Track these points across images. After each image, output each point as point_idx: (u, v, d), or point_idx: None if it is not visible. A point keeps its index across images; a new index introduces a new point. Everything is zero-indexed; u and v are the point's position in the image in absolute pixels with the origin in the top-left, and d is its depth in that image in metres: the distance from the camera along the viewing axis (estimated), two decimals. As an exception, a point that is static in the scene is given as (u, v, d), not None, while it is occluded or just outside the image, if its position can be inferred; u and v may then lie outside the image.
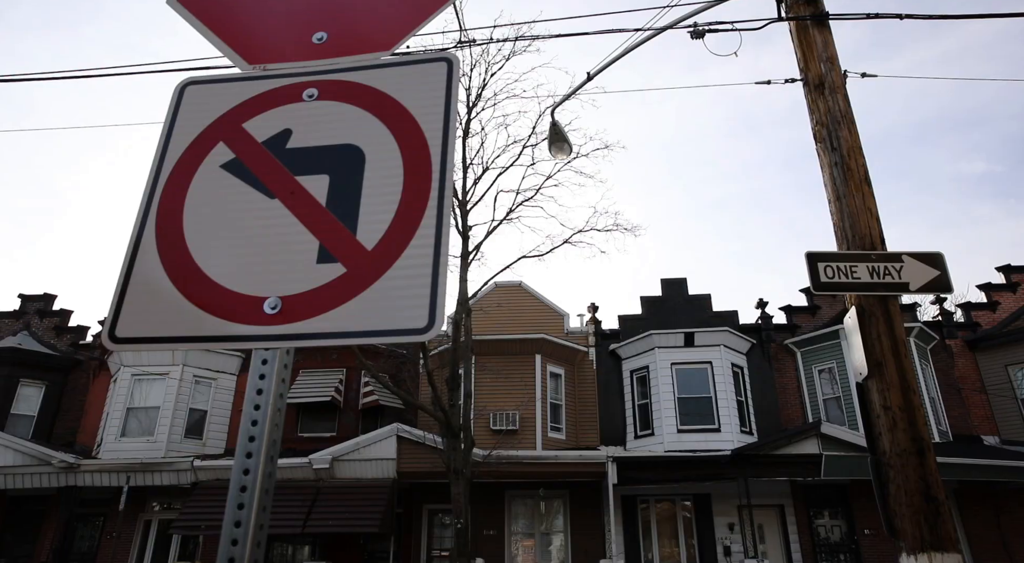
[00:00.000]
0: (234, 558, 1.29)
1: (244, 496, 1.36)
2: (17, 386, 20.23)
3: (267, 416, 1.42)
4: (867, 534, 17.70)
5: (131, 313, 1.55)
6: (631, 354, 19.96)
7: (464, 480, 14.47)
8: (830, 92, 5.55)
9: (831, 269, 4.81)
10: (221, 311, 1.50)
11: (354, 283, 1.48)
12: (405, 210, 1.55)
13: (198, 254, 1.59)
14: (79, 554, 18.62)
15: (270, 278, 1.52)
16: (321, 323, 1.45)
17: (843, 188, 5.15)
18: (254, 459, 1.39)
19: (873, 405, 4.47)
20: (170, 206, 1.67)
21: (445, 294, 1.46)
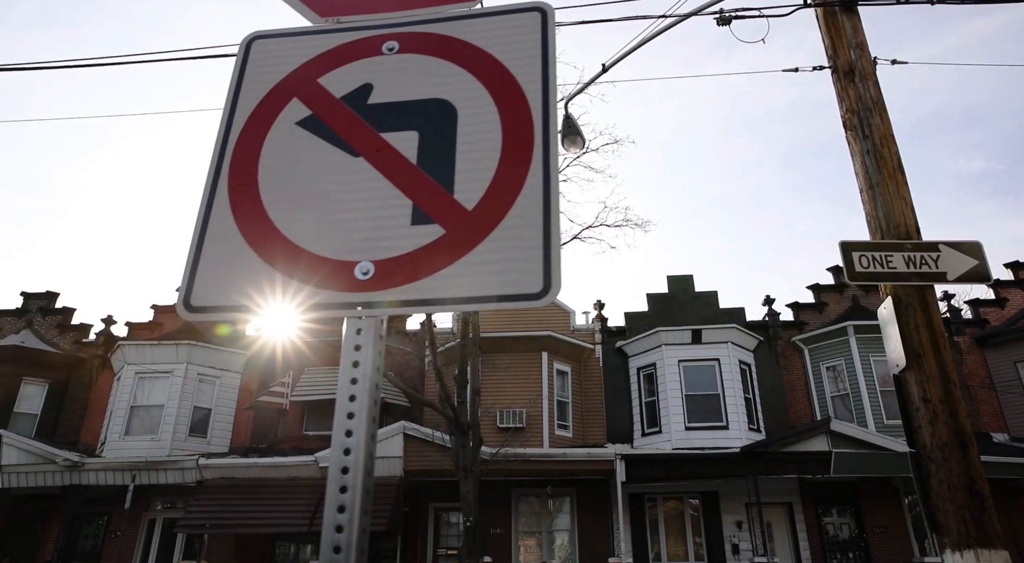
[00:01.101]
0: (340, 546, 1.20)
1: (347, 478, 1.25)
2: (20, 384, 20.10)
3: (366, 390, 1.31)
4: (877, 532, 17.61)
5: (207, 280, 1.46)
6: (638, 351, 19.85)
7: (473, 478, 14.36)
8: (860, 79, 5.44)
9: (866, 258, 4.69)
10: (308, 277, 1.41)
11: (456, 245, 1.39)
12: (507, 167, 1.46)
13: (278, 218, 1.50)
14: (83, 553, 18.49)
15: (360, 241, 1.43)
16: (422, 289, 1.36)
17: (876, 176, 5.04)
18: (355, 437, 1.28)
19: (912, 397, 4.36)
20: (243, 168, 1.58)
21: (560, 256, 1.36)
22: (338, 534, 1.21)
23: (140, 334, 21.58)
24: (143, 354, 19.58)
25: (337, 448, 1.28)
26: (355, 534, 1.20)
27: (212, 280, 1.45)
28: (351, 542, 1.20)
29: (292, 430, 19.23)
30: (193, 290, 1.45)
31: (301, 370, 19.92)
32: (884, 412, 18.11)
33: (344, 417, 1.31)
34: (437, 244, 1.40)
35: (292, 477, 17.35)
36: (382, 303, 1.37)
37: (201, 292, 1.44)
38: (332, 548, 1.20)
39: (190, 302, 1.44)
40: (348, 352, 1.36)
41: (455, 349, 18.15)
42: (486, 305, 1.33)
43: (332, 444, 1.29)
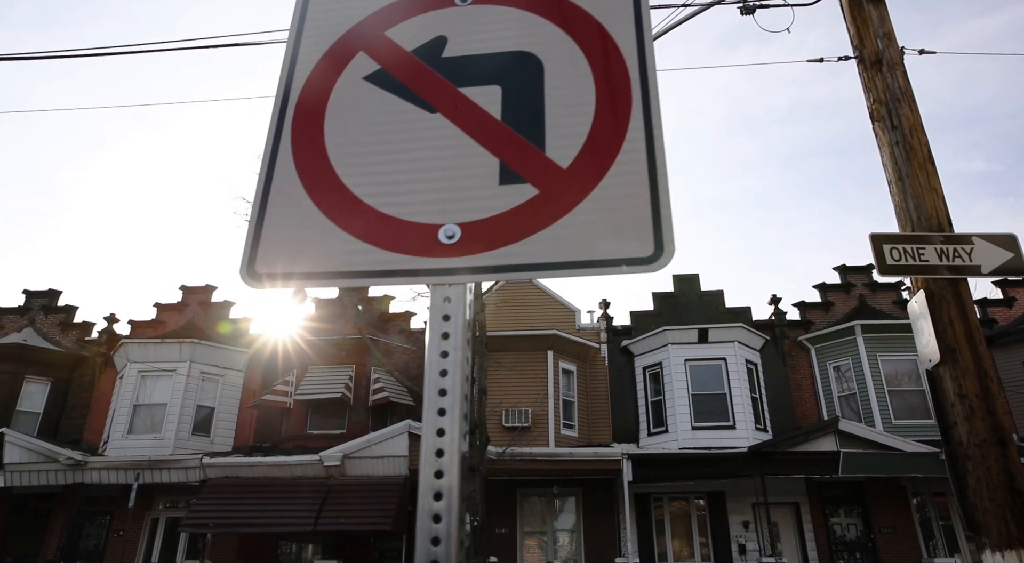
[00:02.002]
0: (439, 536, 1.10)
1: (443, 461, 1.15)
2: (22, 383, 19.98)
3: (458, 364, 1.21)
4: (884, 532, 17.51)
5: (273, 246, 1.36)
6: (644, 350, 19.76)
7: (480, 477, 14.25)
8: (888, 69, 5.33)
9: (897, 251, 4.60)
10: (387, 242, 1.32)
11: (551, 206, 1.29)
12: (603, 122, 1.36)
13: (350, 179, 1.41)
14: (86, 552, 18.38)
15: (443, 203, 1.34)
16: (515, 254, 1.26)
17: (906, 168, 4.93)
18: (449, 417, 1.18)
19: (946, 393, 4.27)
20: (307, 126, 1.48)
21: (672, 217, 1.25)
22: (436, 524, 1.11)
23: (143, 332, 21.47)
24: (146, 352, 19.48)
25: (430, 429, 1.18)
26: (454, 523, 1.10)
27: (279, 246, 1.36)
28: (450, 533, 1.10)
29: (295, 429, 19.12)
30: (258, 256, 1.35)
31: (304, 369, 19.82)
32: (892, 412, 18.01)
33: (435, 394, 1.20)
34: (530, 205, 1.30)
35: (296, 476, 17.24)
36: (472, 269, 1.27)
37: (267, 258, 1.35)
38: (430, 539, 1.10)
39: (255, 269, 1.34)
40: (436, 323, 1.26)
41: (461, 348, 18.07)
42: (590, 271, 1.23)
43: (424, 424, 1.18)
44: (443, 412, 1.18)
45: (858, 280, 21.01)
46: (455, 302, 1.26)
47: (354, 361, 19.70)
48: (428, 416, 1.19)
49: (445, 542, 1.10)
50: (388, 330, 21.05)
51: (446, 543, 1.10)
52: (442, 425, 1.18)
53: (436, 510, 1.12)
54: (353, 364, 19.70)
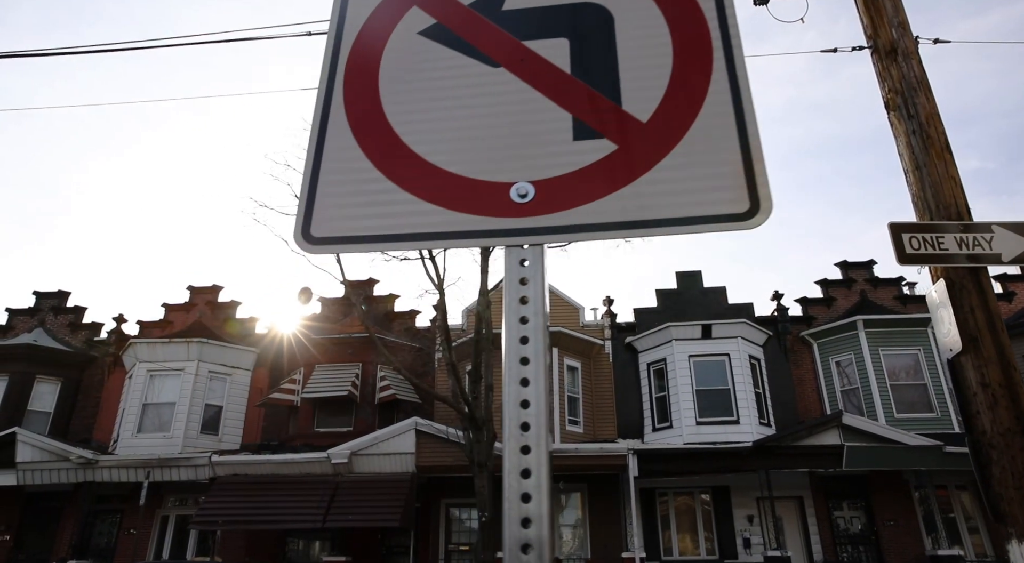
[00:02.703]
0: (530, 517, 1.06)
1: (528, 436, 1.10)
2: (33, 382, 20.18)
3: (540, 330, 1.15)
4: (887, 525, 17.63)
5: (330, 209, 1.30)
6: (648, 347, 19.89)
7: (488, 473, 14.41)
8: (903, 58, 5.25)
9: (916, 240, 4.58)
10: (454, 202, 1.26)
11: (633, 162, 1.23)
12: (683, 72, 1.30)
13: (410, 136, 1.35)
14: (97, 550, 18.57)
15: (513, 160, 1.28)
16: (595, 212, 1.20)
17: (923, 157, 4.89)
18: (533, 387, 1.11)
19: (968, 382, 4.23)
20: (360, 85, 1.43)
21: (766, 171, 1.18)
22: (525, 503, 1.06)
23: (151, 332, 21.66)
24: (154, 352, 19.66)
25: (512, 403, 1.10)
26: (545, 501, 1.06)
27: (336, 209, 1.30)
28: (541, 514, 1.05)
29: (303, 427, 19.29)
30: (313, 219, 1.29)
31: (311, 368, 19.99)
32: (894, 406, 18.13)
33: (516, 363, 1.13)
34: (609, 161, 1.24)
35: (304, 474, 17.40)
36: (550, 229, 1.20)
37: (324, 222, 1.28)
38: (520, 521, 1.05)
39: (311, 233, 1.28)
40: (513, 287, 1.18)
41: (467, 345, 18.22)
42: (681, 229, 1.16)
43: (506, 398, 1.12)
44: (526, 382, 1.12)
45: (859, 276, 21.12)
46: (532, 265, 1.20)
47: (360, 359, 19.87)
48: (510, 388, 1.12)
49: (536, 523, 1.05)
50: (393, 328, 21.21)
51: (537, 524, 1.05)
52: (526, 396, 1.11)
53: (525, 489, 1.07)
54: (359, 362, 19.87)
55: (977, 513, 17.77)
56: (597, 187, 1.23)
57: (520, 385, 1.13)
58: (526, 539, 1.04)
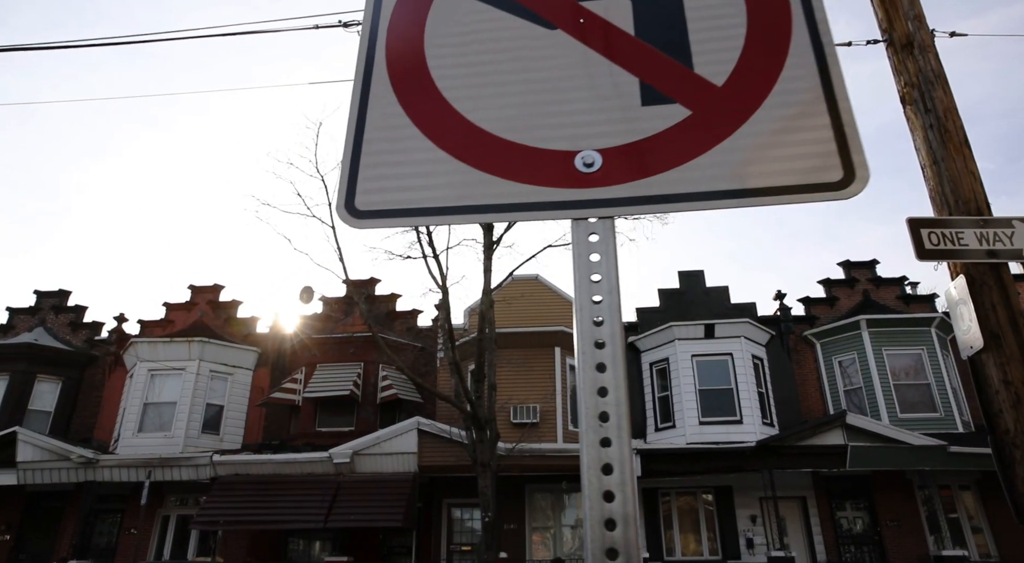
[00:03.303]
0: (614, 518, 0.99)
1: (608, 427, 1.02)
2: (34, 382, 20.10)
3: (615, 310, 1.07)
4: (891, 526, 17.60)
5: (376, 180, 1.22)
6: (650, 346, 19.85)
7: (491, 473, 14.35)
8: (920, 51, 5.17)
9: (936, 236, 4.50)
10: (514, 172, 1.18)
11: (709, 128, 1.15)
12: (759, 32, 1.23)
13: (461, 103, 1.27)
14: (98, 550, 18.49)
15: (576, 127, 1.20)
16: (672, 182, 1.12)
17: (941, 151, 4.82)
18: (611, 372, 1.04)
19: (990, 380, 4.17)
20: (404, 50, 1.36)
21: (860, 137, 1.12)
22: (609, 503, 0.98)
23: (152, 331, 21.59)
24: (155, 351, 19.58)
25: (589, 391, 1.03)
26: (631, 500, 0.99)
27: (383, 180, 1.22)
28: (627, 515, 0.97)
29: (305, 427, 19.22)
30: (358, 191, 1.21)
31: (313, 367, 19.92)
32: (898, 406, 18.09)
33: (591, 347, 1.05)
34: (683, 128, 1.16)
35: (306, 473, 17.33)
36: (621, 200, 1.12)
37: (370, 193, 1.20)
38: (603, 523, 0.97)
39: (355, 206, 1.20)
40: (583, 264, 1.10)
41: (469, 344, 18.15)
42: (767, 200, 1.08)
43: (581, 387, 1.04)
44: (603, 367, 1.04)
45: (862, 275, 21.09)
46: (603, 239, 1.12)
47: (362, 359, 19.80)
48: (586, 375, 1.04)
49: (622, 523, 0.97)
50: (395, 328, 21.16)
51: (623, 525, 0.96)
52: (604, 383, 1.04)
53: (607, 486, 0.99)
54: (361, 362, 19.80)
55: (980, 513, 17.74)
56: (670, 156, 1.16)
57: (596, 371, 1.05)
58: (611, 543, 0.96)
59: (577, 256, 1.12)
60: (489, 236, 15.76)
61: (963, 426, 17.92)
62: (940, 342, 18.72)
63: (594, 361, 1.06)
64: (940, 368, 18.33)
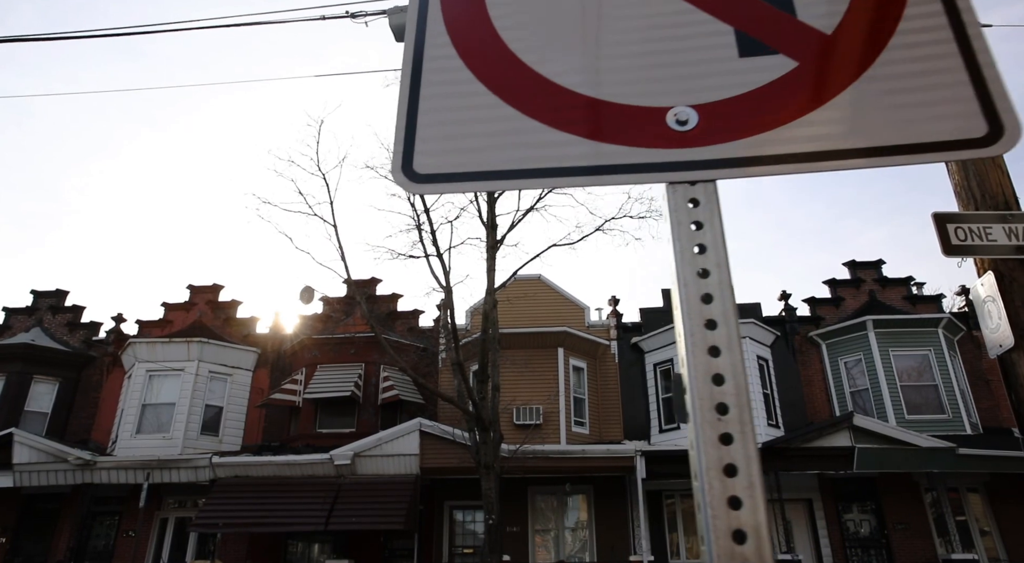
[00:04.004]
0: (743, 529, 0.85)
1: (729, 421, 0.88)
2: (31, 383, 19.86)
3: (725, 285, 0.95)
4: (898, 528, 17.41)
5: (436, 140, 1.11)
6: (654, 347, 19.66)
7: (495, 475, 14.15)
8: None
9: (962, 231, 4.39)
10: (596, 130, 1.06)
11: (820, 81, 1.04)
12: None
13: (529, 55, 1.16)
14: (95, 553, 18.25)
15: (665, 81, 1.09)
16: (783, 141, 1.00)
17: None
18: (727, 357, 0.91)
19: (1021, 379, 4.09)
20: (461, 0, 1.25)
21: (1005, 87, 0.98)
22: (735, 510, 0.84)
23: (150, 332, 21.37)
24: (154, 352, 19.37)
25: (702, 378, 0.90)
26: (761, 507, 0.85)
27: (445, 140, 1.11)
28: (758, 525, 0.84)
29: (305, 428, 19.00)
30: (416, 153, 1.10)
31: (313, 368, 19.71)
32: (905, 407, 17.92)
33: (700, 328, 0.92)
34: (789, 81, 1.05)
35: (306, 475, 17.13)
36: (725, 161, 1.01)
37: (430, 156, 1.10)
38: (730, 534, 0.84)
39: (413, 169, 1.09)
40: (684, 233, 0.98)
41: (472, 345, 17.96)
42: (898, 159, 0.96)
43: (692, 374, 0.90)
44: (717, 351, 0.91)
45: (868, 276, 20.92)
46: (706, 205, 1.00)
47: (363, 359, 19.60)
48: (696, 360, 0.89)
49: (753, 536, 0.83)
50: (396, 328, 20.96)
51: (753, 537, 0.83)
52: (719, 369, 0.89)
53: (733, 491, 0.85)
54: (362, 362, 19.60)
55: (989, 516, 17.56)
56: (778, 112, 1.03)
57: (709, 355, 0.91)
58: (742, 557, 0.83)
59: (677, 224, 1.00)
60: (493, 235, 15.58)
61: (971, 428, 17.74)
62: (947, 343, 18.55)
63: (705, 344, 0.92)
64: (948, 369, 18.16)
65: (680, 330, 0.94)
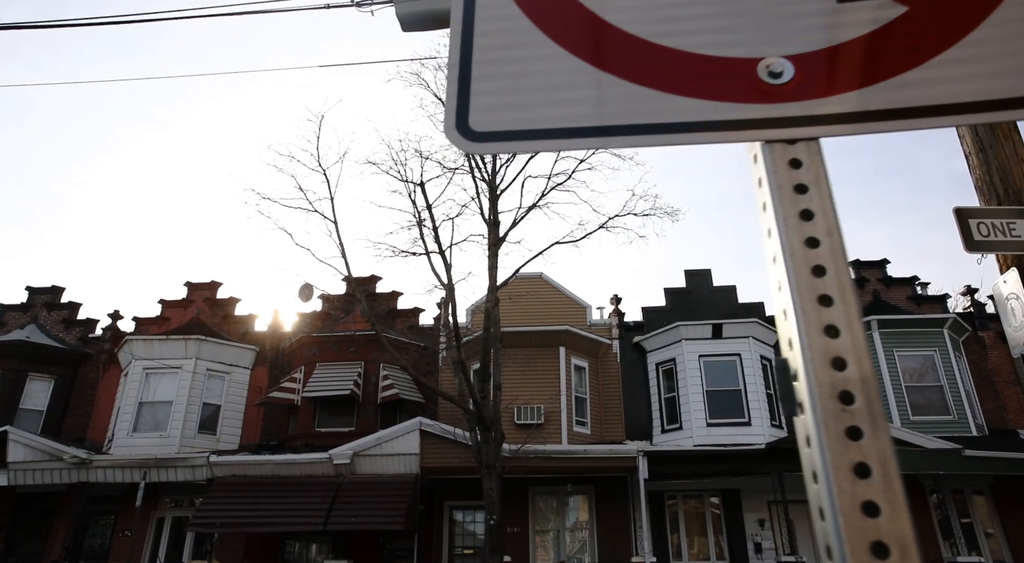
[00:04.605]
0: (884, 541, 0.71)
1: (855, 410, 0.76)
2: (26, 380, 19.66)
3: (839, 252, 0.84)
4: (902, 530, 17.25)
5: (495, 95, 1.00)
6: (657, 346, 19.50)
7: (496, 475, 13.98)
8: None
9: (985, 226, 4.25)
10: (678, 84, 0.95)
11: (935, 27, 0.94)
12: None
13: (595, 3, 1.04)
14: (91, 552, 18.06)
15: (754, 30, 0.98)
16: (896, 92, 0.89)
17: (988, 138, 4.66)
18: (847, 337, 0.79)
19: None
20: None
21: None
22: (872, 518, 0.71)
23: (147, 329, 21.18)
24: (151, 349, 19.18)
25: (819, 361, 0.77)
26: (904, 513, 0.72)
27: (504, 95, 1.00)
28: (903, 534, 0.71)
29: (304, 427, 18.82)
30: (472, 109, 1.00)
31: (312, 366, 19.53)
32: (910, 408, 17.77)
33: (813, 305, 0.81)
34: (898, 27, 0.95)
35: (305, 475, 16.95)
36: (827, 118, 0.89)
37: (488, 112, 0.99)
38: (870, 547, 0.70)
39: (469, 126, 0.99)
40: (786, 199, 0.87)
41: (473, 343, 17.79)
42: None
43: (807, 358, 0.78)
44: (835, 331, 0.78)
45: (872, 275, 20.79)
46: (810, 166, 0.89)
47: (362, 357, 19.42)
48: (811, 341, 0.77)
49: None
50: (395, 327, 20.79)
51: None
52: (840, 352, 0.78)
53: (867, 494, 0.71)
54: (361, 361, 19.42)
55: (994, 519, 17.42)
56: (885, 62, 0.93)
57: (826, 335, 0.78)
58: None
59: (777, 188, 0.88)
60: (495, 233, 15.42)
61: (976, 429, 17.61)
62: (952, 343, 18.41)
63: (820, 323, 0.80)
64: (953, 370, 18.02)
65: (788, 308, 0.82)
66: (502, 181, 15.63)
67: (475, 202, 15.60)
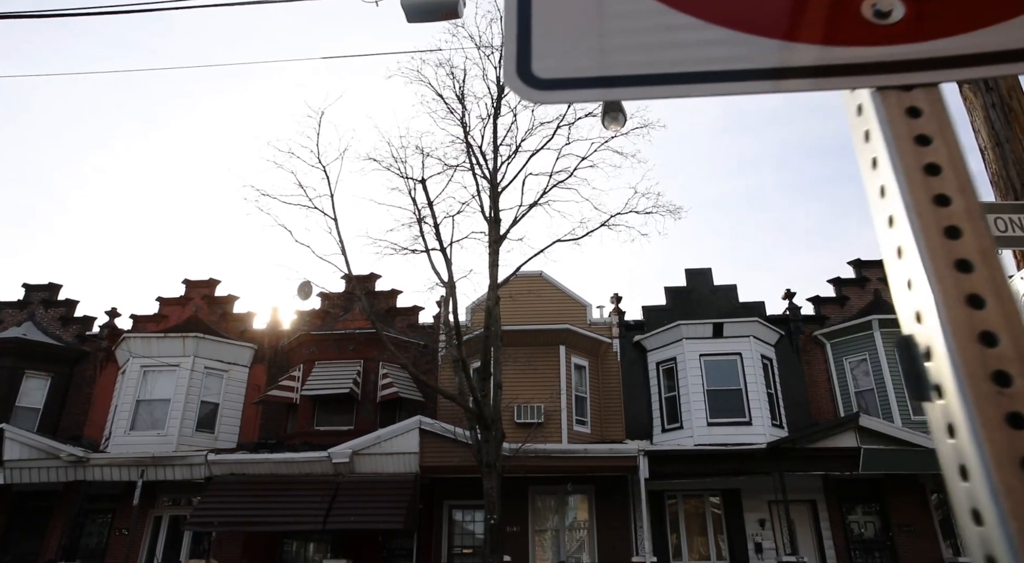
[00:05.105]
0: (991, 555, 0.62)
1: (1015, 393, 0.65)
2: (22, 378, 19.49)
3: (975, 213, 0.73)
4: (903, 530, 17.20)
5: (561, 39, 0.90)
6: (657, 345, 19.40)
7: (496, 474, 13.87)
8: None
9: (1002, 221, 4.17)
10: (773, 27, 0.84)
11: None
12: None
13: None
14: (87, 551, 17.91)
15: None
16: (1014, 36, 0.79)
17: (1005, 132, 4.57)
18: (995, 308, 0.69)
19: None
20: None
21: None
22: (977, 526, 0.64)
23: (145, 326, 21.02)
24: (149, 347, 19.03)
25: (964, 337, 0.67)
26: None
27: (571, 38, 0.90)
28: None
29: (303, 426, 18.69)
30: (534, 55, 0.89)
31: (311, 364, 19.39)
32: (910, 408, 17.70)
33: (950, 271, 0.70)
34: None
35: (304, 474, 16.83)
36: (949, 61, 0.80)
37: (553, 57, 0.89)
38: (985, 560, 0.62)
39: (533, 73, 0.89)
40: (907, 151, 0.76)
41: (473, 342, 17.66)
42: None
43: (945, 331, 0.67)
44: (979, 301, 0.68)
45: (873, 274, 20.70)
46: (931, 114, 0.78)
47: (362, 356, 19.28)
48: (950, 314, 0.67)
49: None
50: (395, 325, 20.66)
51: None
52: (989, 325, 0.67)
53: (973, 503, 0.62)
54: (361, 359, 19.28)
55: (995, 518, 17.37)
56: None
57: (968, 306, 0.67)
58: None
59: (894, 140, 0.77)
60: (496, 230, 15.30)
61: (978, 429, 17.54)
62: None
63: (961, 292, 0.68)
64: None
65: (914, 276, 0.70)
66: (503, 178, 15.51)
67: (476, 199, 15.49)
